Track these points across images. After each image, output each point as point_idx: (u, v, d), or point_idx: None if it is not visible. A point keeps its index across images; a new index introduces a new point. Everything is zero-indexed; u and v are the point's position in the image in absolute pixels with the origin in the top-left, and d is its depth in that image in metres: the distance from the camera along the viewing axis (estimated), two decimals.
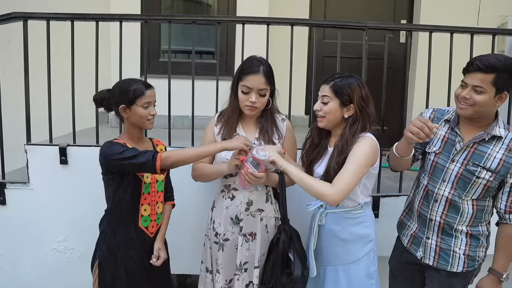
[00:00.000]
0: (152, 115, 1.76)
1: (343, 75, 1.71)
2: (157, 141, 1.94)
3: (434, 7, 3.80)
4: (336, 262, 1.77)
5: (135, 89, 1.71)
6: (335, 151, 1.69)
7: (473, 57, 1.59)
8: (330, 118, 1.70)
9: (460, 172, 1.65)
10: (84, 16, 2.22)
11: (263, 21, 2.25)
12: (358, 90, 1.68)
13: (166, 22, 2.29)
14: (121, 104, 1.72)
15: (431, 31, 2.32)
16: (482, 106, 1.56)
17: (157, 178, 1.81)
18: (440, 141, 1.73)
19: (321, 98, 1.71)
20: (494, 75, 1.52)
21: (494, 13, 3.79)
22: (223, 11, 3.49)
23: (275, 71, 1.78)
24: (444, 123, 1.74)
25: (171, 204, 1.98)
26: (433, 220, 1.73)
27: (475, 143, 1.64)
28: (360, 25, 2.27)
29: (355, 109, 1.68)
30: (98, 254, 1.79)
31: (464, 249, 1.69)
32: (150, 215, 1.81)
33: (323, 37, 3.79)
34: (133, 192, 1.74)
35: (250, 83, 1.74)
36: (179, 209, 2.25)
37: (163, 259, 1.81)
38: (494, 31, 2.35)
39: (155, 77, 2.98)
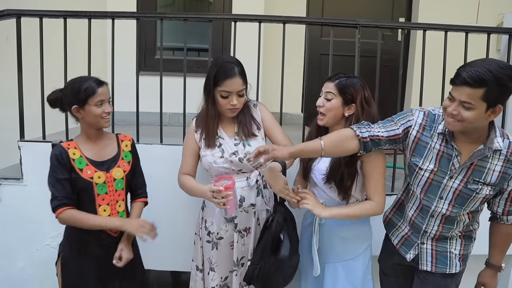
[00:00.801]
0: (107, 113, 1.72)
1: (348, 75, 1.74)
2: (123, 136, 1.89)
3: (432, 5, 3.77)
4: (335, 259, 1.79)
5: (86, 88, 1.67)
6: None
7: (461, 66, 1.41)
8: (331, 115, 1.72)
9: (459, 189, 1.55)
10: (76, 13, 2.22)
11: (255, 19, 2.24)
12: (361, 90, 1.71)
13: (158, 19, 2.28)
14: (73, 105, 1.69)
15: (425, 29, 2.30)
16: (472, 123, 1.40)
17: (114, 176, 1.77)
18: (435, 156, 1.56)
19: (325, 94, 1.73)
20: (484, 89, 1.32)
21: (494, 11, 3.75)
22: (219, 9, 3.49)
23: (271, 69, 1.79)
24: (438, 135, 1.56)
25: (142, 202, 1.92)
26: (428, 232, 1.67)
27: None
28: (352, 22, 2.25)
29: (356, 109, 1.71)
30: (61, 252, 1.80)
31: (459, 249, 1.67)
32: (110, 215, 1.77)
33: (320, 35, 3.78)
34: (85, 194, 1.73)
35: (229, 88, 1.74)
36: (171, 206, 2.27)
37: (125, 260, 1.75)
38: (489, 30, 2.32)
39: (151, 74, 3.00)
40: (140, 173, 1.91)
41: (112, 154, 1.81)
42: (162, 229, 2.28)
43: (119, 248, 1.77)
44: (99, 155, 1.78)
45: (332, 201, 1.77)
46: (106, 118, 1.73)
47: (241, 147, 1.82)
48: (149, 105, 2.37)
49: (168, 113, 3.22)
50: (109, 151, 1.81)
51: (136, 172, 1.89)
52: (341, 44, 3.46)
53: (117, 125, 2.46)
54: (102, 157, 1.78)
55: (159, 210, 2.27)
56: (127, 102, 2.34)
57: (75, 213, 1.70)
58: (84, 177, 1.71)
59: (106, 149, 1.81)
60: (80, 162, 1.72)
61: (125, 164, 1.82)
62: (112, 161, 1.79)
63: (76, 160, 1.72)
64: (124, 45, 2.49)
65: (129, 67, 2.33)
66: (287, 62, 2.34)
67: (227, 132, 1.86)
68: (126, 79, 2.32)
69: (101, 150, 1.79)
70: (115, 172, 1.78)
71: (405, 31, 3.84)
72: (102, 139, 1.81)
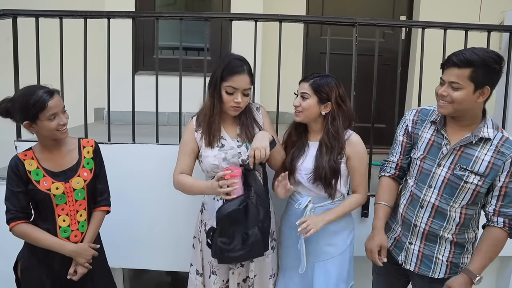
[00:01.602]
0: (62, 125, 1.64)
1: (322, 75, 1.82)
2: (85, 142, 1.82)
3: (434, 3, 3.72)
4: (325, 256, 1.81)
5: (35, 103, 1.57)
6: (323, 148, 1.77)
7: (452, 53, 1.53)
8: (307, 114, 1.79)
9: (447, 177, 1.58)
10: (72, 13, 2.22)
11: (251, 18, 2.22)
12: (336, 89, 1.78)
13: (154, 18, 2.27)
14: (24, 121, 1.61)
15: (423, 27, 2.28)
16: (461, 103, 1.49)
17: (73, 186, 1.72)
18: (425, 144, 1.66)
19: (301, 94, 1.79)
20: (471, 69, 1.45)
21: (497, 8, 3.69)
22: (218, 8, 3.48)
23: (270, 68, 1.79)
24: (430, 124, 1.67)
25: (104, 210, 1.84)
26: (417, 226, 1.66)
27: (462, 146, 1.56)
28: (350, 21, 2.23)
29: (332, 107, 1.78)
30: (20, 259, 1.79)
31: (447, 256, 1.64)
32: (70, 225, 1.73)
33: (320, 33, 3.75)
34: (44, 205, 1.69)
35: (236, 84, 1.72)
36: (169, 207, 2.26)
37: (80, 275, 1.73)
38: (489, 28, 2.28)
39: (150, 73, 2.99)
40: (102, 180, 1.84)
41: (72, 163, 1.75)
42: (161, 229, 2.30)
43: (74, 263, 1.74)
44: (58, 165, 1.72)
45: (318, 198, 1.81)
46: (62, 129, 1.66)
47: (244, 149, 1.80)
48: (148, 104, 2.37)
49: (167, 113, 3.21)
50: (68, 160, 1.75)
51: (99, 179, 1.82)
52: (341, 43, 3.42)
53: (115, 124, 2.47)
54: (60, 167, 1.73)
55: (157, 211, 2.28)
56: (125, 101, 2.34)
57: (28, 229, 1.68)
58: (41, 189, 1.67)
59: (65, 158, 1.74)
60: (37, 174, 1.68)
61: (85, 173, 1.76)
62: (71, 170, 1.74)
63: (33, 171, 1.67)
64: (122, 44, 2.49)
65: (127, 66, 2.32)
66: (286, 61, 2.33)
67: (229, 133, 1.84)
68: (124, 78, 2.31)
69: (60, 160, 1.73)
70: (75, 182, 1.72)
71: (406, 29, 3.84)
72: (60, 148, 1.75)
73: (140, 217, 2.26)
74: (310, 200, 1.79)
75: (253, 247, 1.67)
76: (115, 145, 2.16)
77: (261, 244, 1.70)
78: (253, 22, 2.25)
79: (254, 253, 1.72)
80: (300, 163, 1.81)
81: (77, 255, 1.72)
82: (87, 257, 1.74)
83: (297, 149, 1.84)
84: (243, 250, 1.66)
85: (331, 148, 1.75)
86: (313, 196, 1.81)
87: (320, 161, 1.75)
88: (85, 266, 1.74)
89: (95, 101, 3.05)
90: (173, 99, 2.32)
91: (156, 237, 2.30)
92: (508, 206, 1.53)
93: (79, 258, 1.72)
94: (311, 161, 1.79)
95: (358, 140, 1.81)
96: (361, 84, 2.29)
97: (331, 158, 1.74)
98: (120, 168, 1.95)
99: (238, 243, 1.66)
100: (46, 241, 1.69)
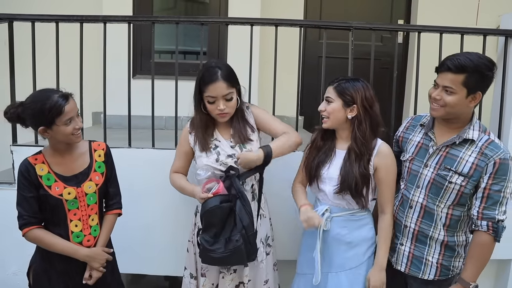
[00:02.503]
0: (78, 129, 1.63)
1: (349, 78, 1.75)
2: (96, 145, 1.79)
3: (431, 7, 3.75)
4: (339, 268, 1.76)
5: (51, 108, 1.54)
6: (352, 155, 1.70)
7: (446, 57, 1.56)
8: (333, 118, 1.72)
9: (433, 177, 1.61)
10: (68, 17, 2.22)
11: (247, 22, 2.22)
12: (362, 91, 1.69)
13: (150, 23, 2.27)
14: (39, 126, 1.58)
15: (419, 31, 2.29)
16: (454, 107, 1.53)
17: (85, 191, 1.70)
18: (414, 147, 1.71)
19: (326, 98, 1.74)
20: (465, 75, 1.48)
21: (494, 13, 3.71)
22: (215, 12, 3.49)
23: (269, 72, 1.76)
24: (420, 128, 1.72)
25: (115, 214, 1.83)
26: (408, 227, 1.70)
27: (447, 147, 1.60)
28: (346, 25, 2.23)
29: (358, 110, 1.69)
30: (32, 264, 1.77)
31: (437, 258, 1.65)
32: (82, 230, 1.71)
33: (318, 37, 3.76)
34: (56, 210, 1.67)
35: (213, 92, 1.71)
36: (161, 211, 2.25)
37: (95, 279, 1.72)
38: (485, 31, 2.29)
39: (147, 77, 2.99)
40: (114, 183, 1.83)
41: (84, 166, 1.73)
42: (155, 234, 2.29)
43: (88, 267, 1.73)
44: (69, 169, 1.70)
45: (337, 207, 1.75)
46: (77, 134, 1.64)
47: (238, 150, 1.80)
48: (145, 108, 2.36)
49: (164, 117, 3.21)
50: (80, 164, 1.72)
51: (110, 182, 1.80)
52: (338, 47, 3.44)
53: (113, 128, 2.47)
54: (72, 171, 1.70)
55: (154, 215, 2.27)
56: (123, 105, 2.33)
57: (42, 234, 1.66)
58: (53, 194, 1.64)
59: (76, 162, 1.72)
60: (48, 179, 1.65)
61: (97, 177, 1.74)
62: (83, 174, 1.71)
63: (44, 176, 1.65)
64: (119, 48, 2.49)
65: (124, 70, 2.32)
66: (284, 65, 2.33)
67: (223, 134, 1.84)
68: (122, 82, 2.31)
69: (72, 164, 1.71)
70: (87, 186, 1.70)
71: (404, 33, 3.85)
72: (72, 152, 1.72)
73: (137, 221, 2.25)
74: (327, 209, 1.74)
75: (235, 253, 1.67)
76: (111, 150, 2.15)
77: (243, 252, 1.68)
78: (249, 26, 2.24)
79: (235, 259, 1.71)
80: (325, 171, 1.75)
81: (91, 259, 1.71)
82: (101, 261, 1.72)
83: (323, 154, 1.78)
84: (224, 254, 1.66)
85: (360, 154, 1.68)
86: (331, 205, 1.75)
87: (349, 169, 1.68)
88: (99, 270, 1.72)
89: (93, 105, 3.06)
90: (171, 103, 2.32)
91: (153, 242, 2.29)
92: (491, 209, 1.54)
93: (94, 263, 1.71)
94: (337, 170, 1.72)
95: (388, 151, 1.72)
96: None
97: (360, 165, 1.67)
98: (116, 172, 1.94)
99: (221, 246, 1.67)
100: (60, 246, 1.67)
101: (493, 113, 2.43)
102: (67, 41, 2.28)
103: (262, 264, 1.87)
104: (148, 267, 2.37)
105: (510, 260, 2.45)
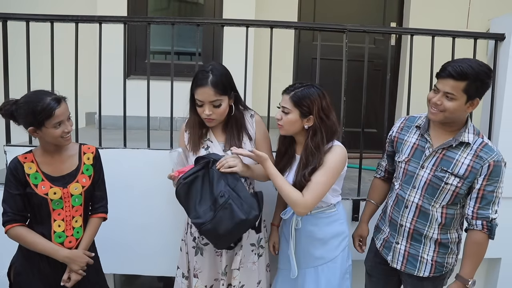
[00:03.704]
0: (67, 132, 1.65)
1: (304, 85, 1.70)
2: (86, 148, 1.81)
3: (423, 10, 3.79)
4: (315, 263, 1.81)
5: (41, 111, 1.56)
6: (300, 163, 1.70)
7: (446, 62, 1.58)
8: (289, 128, 1.71)
9: (429, 178, 1.65)
10: (63, 17, 2.21)
11: (242, 23, 2.24)
12: (318, 101, 1.66)
13: (146, 23, 2.27)
14: (29, 126, 1.61)
15: (412, 34, 2.32)
16: (453, 113, 1.56)
17: (71, 192, 1.71)
18: (410, 148, 1.74)
19: (282, 108, 1.71)
20: (466, 82, 1.51)
21: (484, 16, 3.77)
22: (210, 13, 3.50)
23: (263, 74, 1.73)
24: (416, 129, 1.75)
25: (99, 217, 1.83)
26: (403, 226, 1.74)
27: (443, 149, 1.64)
28: (340, 27, 2.26)
29: (314, 120, 1.67)
30: (14, 263, 1.76)
31: (432, 256, 1.70)
32: (65, 230, 1.72)
33: (312, 39, 3.79)
34: (41, 209, 1.68)
35: (200, 97, 1.70)
36: (156, 211, 2.26)
37: (73, 282, 1.71)
38: (476, 35, 2.34)
39: (142, 78, 3.00)
40: (101, 187, 1.84)
41: (72, 168, 1.75)
42: (150, 234, 2.29)
43: (68, 269, 1.72)
44: (57, 169, 1.72)
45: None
46: (67, 137, 1.66)
47: (229, 153, 1.79)
48: (140, 109, 2.36)
49: (159, 117, 3.21)
50: (68, 165, 1.75)
51: (97, 186, 1.81)
52: (332, 49, 3.48)
53: (107, 129, 2.46)
54: (60, 172, 1.72)
55: (148, 216, 2.27)
56: (117, 105, 2.33)
57: (24, 232, 1.67)
58: (38, 193, 1.66)
59: (65, 163, 1.74)
60: (36, 178, 1.67)
61: (84, 179, 1.76)
62: (70, 176, 1.73)
63: (32, 175, 1.67)
64: (114, 49, 2.48)
65: (120, 71, 2.31)
66: (278, 67, 2.34)
67: (217, 136, 1.84)
68: (117, 83, 2.31)
69: (60, 165, 1.73)
70: (73, 188, 1.72)
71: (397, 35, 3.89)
72: (61, 153, 1.75)
73: (131, 222, 2.25)
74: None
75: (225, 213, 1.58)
76: (106, 150, 2.15)
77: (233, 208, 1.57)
78: (245, 28, 2.26)
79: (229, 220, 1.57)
80: (286, 176, 1.77)
81: (71, 261, 1.71)
82: (81, 264, 1.72)
83: (285, 160, 1.80)
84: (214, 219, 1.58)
85: (306, 164, 1.67)
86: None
87: (296, 176, 1.69)
88: (79, 273, 1.72)
89: (87, 105, 3.05)
90: (165, 103, 2.32)
91: (147, 242, 2.30)
92: (485, 208, 1.59)
93: (73, 265, 1.71)
94: (293, 176, 1.74)
95: (333, 151, 1.68)
96: (352, 89, 2.32)
97: (304, 174, 1.65)
98: (111, 173, 1.93)
99: (206, 212, 1.60)
100: (41, 245, 1.68)
101: (483, 116, 2.48)
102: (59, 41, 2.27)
103: (254, 266, 1.88)
104: (143, 268, 2.37)
105: (500, 259, 2.50)
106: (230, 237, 1.65)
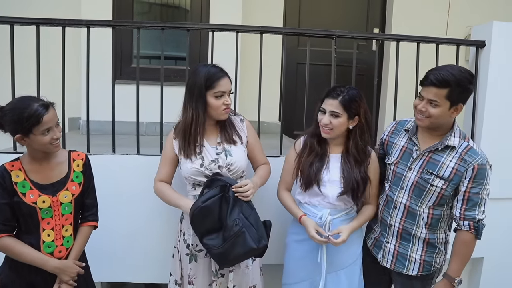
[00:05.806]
0: (56, 139, 1.60)
1: (347, 88, 1.79)
2: (76, 155, 1.77)
3: (405, 17, 3.91)
4: (338, 267, 1.84)
5: (29, 117, 1.52)
6: (350, 161, 1.79)
7: (429, 70, 1.64)
8: (338, 131, 1.79)
9: (416, 180, 1.72)
10: (50, 21, 2.16)
11: (233, 29, 2.25)
12: (363, 102, 1.79)
13: (135, 28, 2.26)
14: (16, 134, 1.56)
15: (398, 41, 2.38)
16: (438, 118, 1.63)
17: (61, 200, 1.67)
18: (399, 151, 1.82)
19: (330, 113, 1.76)
20: (448, 89, 1.57)
21: (462, 23, 3.93)
22: (196, 18, 3.49)
23: (248, 78, 1.79)
24: (405, 132, 1.82)
25: (90, 226, 1.79)
26: (392, 226, 1.80)
27: (430, 152, 1.70)
28: (329, 33, 2.30)
29: (360, 120, 1.79)
30: (0, 274, 1.71)
31: (420, 255, 1.76)
32: (54, 240, 1.67)
33: (297, 44, 3.83)
34: (29, 219, 1.64)
35: (223, 87, 1.78)
36: (147, 218, 2.23)
37: None
38: (458, 42, 2.43)
39: (127, 83, 2.95)
40: (91, 194, 1.80)
41: (61, 175, 1.70)
42: (140, 240, 2.25)
43: (58, 280, 1.68)
44: (46, 177, 1.67)
45: (335, 210, 1.83)
46: (56, 143, 1.62)
47: (223, 157, 1.81)
48: (125, 114, 2.34)
49: (144, 122, 3.17)
50: (57, 172, 1.70)
51: (87, 193, 1.78)
52: (317, 54, 3.52)
53: (93, 134, 2.41)
54: (49, 180, 1.67)
55: (137, 222, 2.24)
56: (102, 111, 2.29)
57: (12, 243, 1.62)
58: (26, 202, 1.61)
59: (54, 171, 1.69)
60: (24, 186, 1.62)
61: (74, 187, 1.72)
62: (60, 183, 1.69)
63: (19, 183, 1.62)
64: (100, 53, 2.45)
65: (105, 76, 2.28)
66: (263, 71, 2.35)
67: (209, 141, 1.85)
68: (102, 88, 2.27)
69: (49, 172, 1.68)
70: (62, 195, 1.67)
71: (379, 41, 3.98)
72: (50, 160, 1.69)
73: (119, 229, 2.22)
74: (329, 212, 1.81)
75: (237, 240, 1.64)
76: (95, 156, 2.11)
77: (246, 236, 1.64)
78: (234, 33, 2.27)
79: (241, 247, 1.64)
80: (325, 175, 1.81)
81: (61, 271, 1.66)
82: (72, 274, 1.68)
83: (319, 161, 1.83)
84: (226, 244, 1.64)
85: (361, 161, 1.80)
86: (330, 207, 1.82)
87: (351, 173, 1.78)
88: (69, 284, 1.67)
89: (70, 110, 2.98)
90: (150, 108, 2.31)
91: (136, 249, 2.26)
92: (471, 210, 1.66)
93: (63, 275, 1.66)
94: (337, 173, 1.81)
95: (375, 155, 1.88)
96: None
97: (361, 170, 1.79)
98: (100, 179, 1.90)
99: (218, 239, 1.66)
100: (29, 256, 1.62)
101: (465, 120, 2.56)
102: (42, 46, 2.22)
103: (247, 269, 1.88)
104: (132, 275, 2.33)
105: (482, 258, 2.58)
106: (236, 261, 1.74)
